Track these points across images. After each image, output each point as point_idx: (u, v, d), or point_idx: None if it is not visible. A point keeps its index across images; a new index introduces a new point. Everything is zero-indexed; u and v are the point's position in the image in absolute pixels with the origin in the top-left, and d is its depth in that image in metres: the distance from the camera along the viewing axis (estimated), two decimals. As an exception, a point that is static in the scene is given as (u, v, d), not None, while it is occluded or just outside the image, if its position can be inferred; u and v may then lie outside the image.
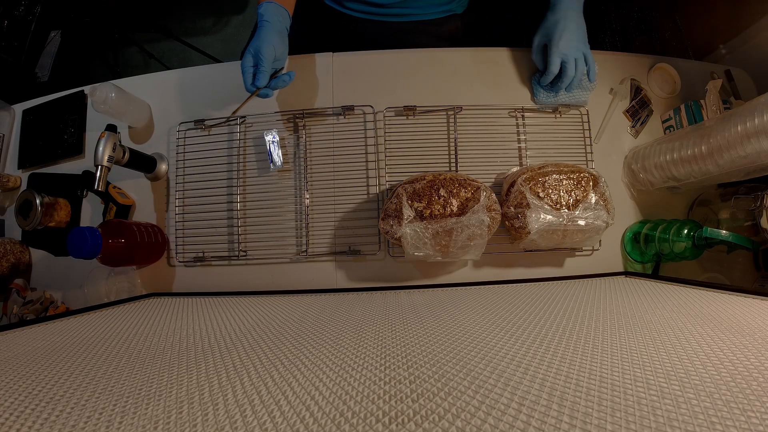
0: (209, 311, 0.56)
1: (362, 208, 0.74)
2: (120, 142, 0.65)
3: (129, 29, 1.82)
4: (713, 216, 0.73)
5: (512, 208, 0.65)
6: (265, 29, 0.63)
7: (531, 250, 0.73)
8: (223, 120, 0.76)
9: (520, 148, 0.75)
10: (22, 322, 0.49)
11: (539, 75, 0.75)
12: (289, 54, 0.78)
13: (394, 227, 0.62)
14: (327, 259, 0.74)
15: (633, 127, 0.78)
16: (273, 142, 0.70)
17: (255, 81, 0.62)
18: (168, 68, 1.27)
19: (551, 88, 0.74)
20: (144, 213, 0.78)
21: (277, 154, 0.68)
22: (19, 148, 0.85)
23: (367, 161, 0.75)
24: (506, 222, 0.67)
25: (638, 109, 0.78)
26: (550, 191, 0.64)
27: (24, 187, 0.83)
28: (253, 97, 0.63)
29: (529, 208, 0.63)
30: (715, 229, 0.62)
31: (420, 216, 0.62)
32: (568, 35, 0.67)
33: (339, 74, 0.78)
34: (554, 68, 0.68)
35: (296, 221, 0.74)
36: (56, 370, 0.32)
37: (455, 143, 0.74)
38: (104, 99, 0.69)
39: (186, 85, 0.80)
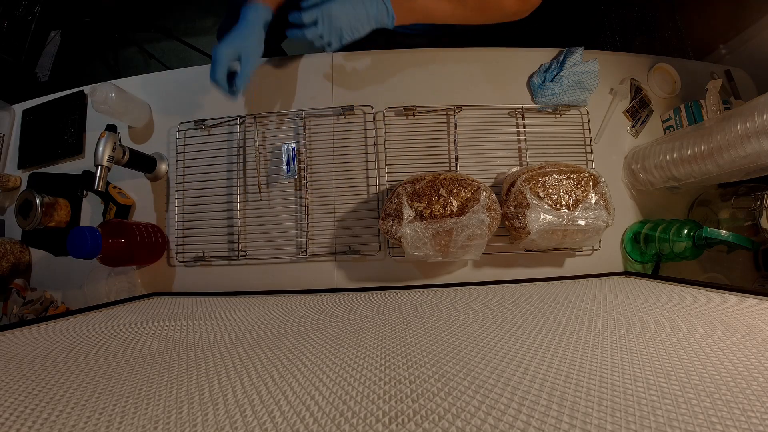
0: (209, 311, 0.55)
1: (362, 208, 0.74)
2: (120, 142, 0.65)
3: (129, 29, 1.82)
4: (713, 216, 0.73)
5: (512, 208, 0.65)
6: (251, 23, 0.59)
7: (531, 250, 0.73)
8: (223, 120, 0.76)
9: (520, 148, 0.75)
10: (22, 322, 0.49)
11: (539, 74, 0.75)
12: (289, 54, 0.78)
13: (394, 227, 0.62)
14: (327, 259, 0.74)
15: (633, 127, 0.78)
16: (292, 150, 0.73)
17: (235, 84, 0.61)
18: (168, 68, 1.27)
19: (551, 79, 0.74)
20: (144, 213, 0.78)
21: (294, 164, 0.73)
22: (19, 148, 0.85)
23: (367, 161, 0.75)
24: (506, 222, 0.67)
25: (638, 109, 0.78)
26: (550, 191, 0.64)
27: (24, 187, 0.83)
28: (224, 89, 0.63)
29: (529, 208, 0.63)
30: (715, 229, 0.62)
31: (420, 216, 0.62)
32: None
33: (339, 74, 0.78)
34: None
35: (296, 221, 0.74)
36: (56, 370, 0.32)
37: (455, 143, 0.74)
38: (104, 99, 0.69)
39: (186, 85, 0.80)
